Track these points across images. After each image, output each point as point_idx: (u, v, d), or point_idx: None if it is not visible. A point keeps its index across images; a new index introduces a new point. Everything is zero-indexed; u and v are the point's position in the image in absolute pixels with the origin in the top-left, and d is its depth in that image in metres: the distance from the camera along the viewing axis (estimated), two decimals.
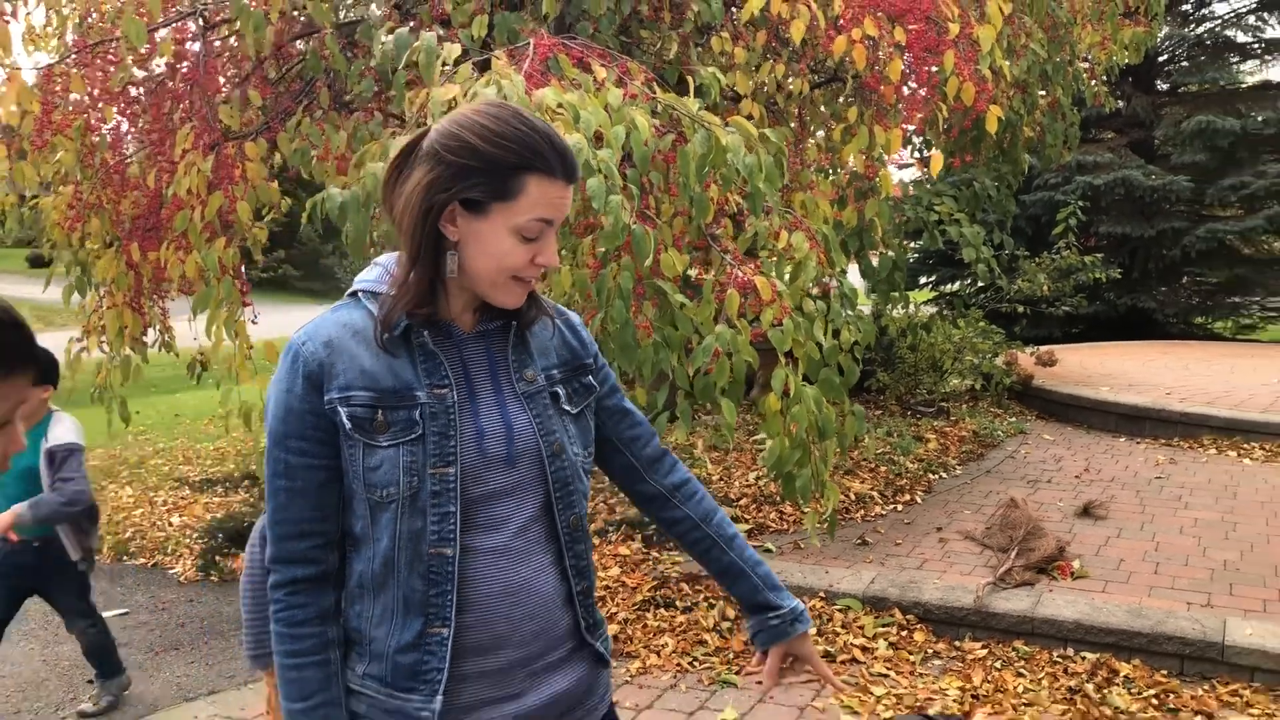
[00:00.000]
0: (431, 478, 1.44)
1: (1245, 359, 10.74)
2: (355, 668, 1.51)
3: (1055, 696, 3.86)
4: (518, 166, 1.42)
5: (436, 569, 1.45)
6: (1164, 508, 5.84)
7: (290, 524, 1.47)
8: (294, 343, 1.48)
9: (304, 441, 1.45)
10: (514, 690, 1.51)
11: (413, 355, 1.47)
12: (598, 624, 1.63)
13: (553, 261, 1.48)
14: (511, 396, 1.53)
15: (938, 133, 6.33)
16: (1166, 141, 14.72)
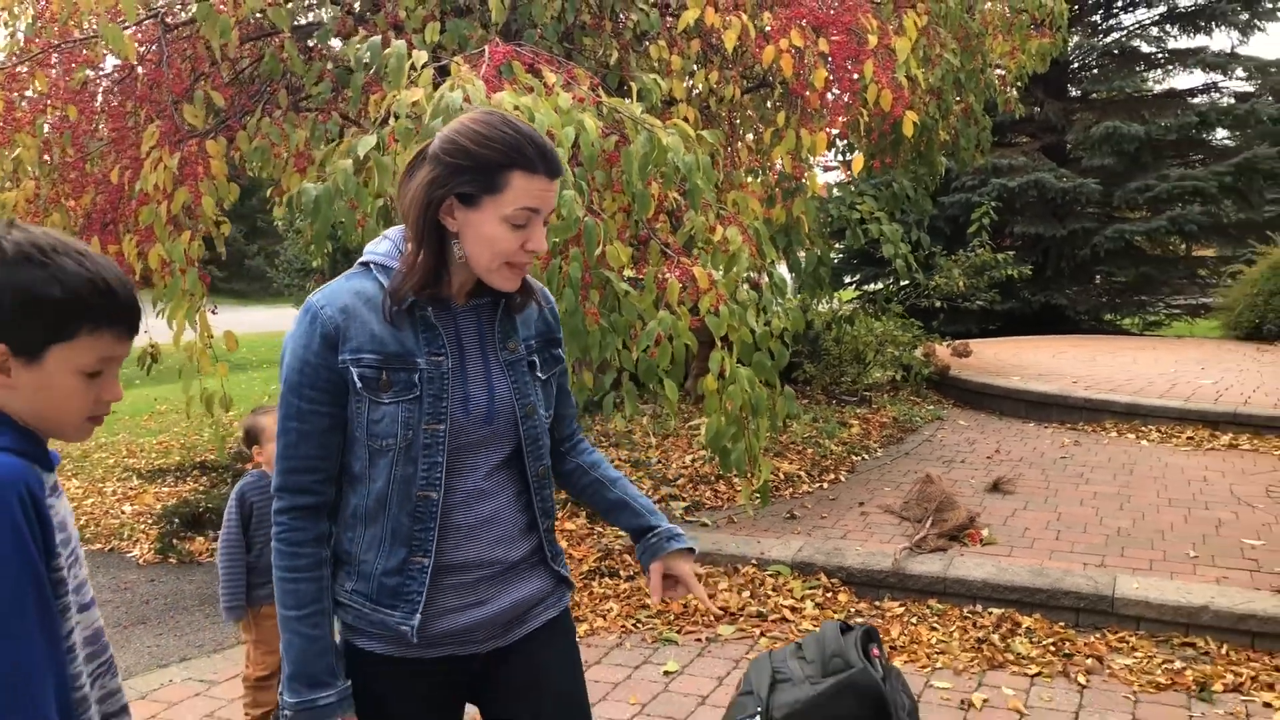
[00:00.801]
0: (424, 432, 1.69)
1: (1147, 351, 11.40)
2: (344, 584, 1.76)
3: (964, 646, 4.28)
4: (503, 164, 1.64)
5: (423, 509, 1.71)
6: (1066, 483, 6.33)
7: (297, 459, 1.71)
8: (313, 304, 1.71)
9: (315, 391, 1.69)
10: (480, 598, 1.77)
11: (415, 326, 1.71)
12: (558, 554, 1.92)
13: (540, 247, 1.68)
14: (495, 364, 1.78)
15: (859, 136, 6.76)
16: (1077, 146, 15.39)
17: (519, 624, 1.84)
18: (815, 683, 2.17)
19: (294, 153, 5.19)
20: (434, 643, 1.76)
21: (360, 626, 1.75)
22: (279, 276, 17.46)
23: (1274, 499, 5.84)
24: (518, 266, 1.69)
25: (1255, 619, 4.16)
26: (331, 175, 3.85)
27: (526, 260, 1.69)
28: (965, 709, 3.75)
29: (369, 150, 3.75)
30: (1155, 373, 9.53)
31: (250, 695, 3.55)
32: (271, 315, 22.51)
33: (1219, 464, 6.76)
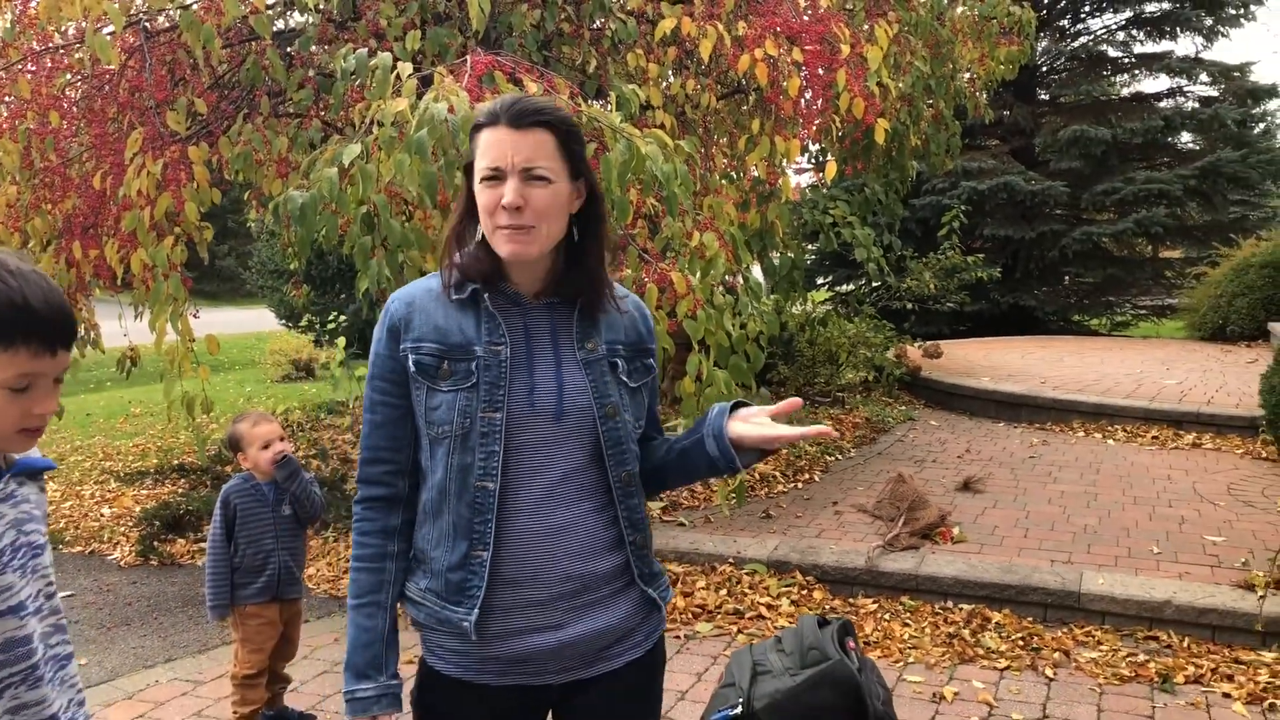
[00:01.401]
0: (481, 420, 1.68)
1: (1114, 352, 11.60)
2: (419, 582, 1.77)
3: (936, 641, 4.40)
4: (474, 127, 1.72)
5: (480, 499, 1.69)
6: (1035, 482, 6.47)
7: (370, 450, 1.77)
8: (388, 301, 1.78)
9: (384, 382, 1.75)
10: (555, 621, 1.71)
11: (478, 316, 1.73)
12: (655, 574, 1.84)
13: (512, 200, 1.64)
14: (570, 361, 1.75)
15: (832, 142, 6.88)
16: (1046, 149, 15.60)
17: (601, 658, 1.78)
18: (794, 674, 2.26)
19: (275, 158, 5.24)
20: (505, 670, 1.74)
21: (431, 625, 1.75)
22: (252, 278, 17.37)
23: (1235, 497, 6.01)
24: (507, 229, 1.67)
25: (1216, 613, 4.30)
26: (316, 183, 3.91)
27: (506, 220, 1.66)
28: (937, 702, 3.86)
29: (354, 158, 3.82)
30: (1121, 373, 9.72)
31: (238, 694, 3.62)
32: (244, 316, 22.45)
33: (1182, 463, 6.93)
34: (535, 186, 1.66)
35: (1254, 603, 4.29)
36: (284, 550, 3.67)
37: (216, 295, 32.40)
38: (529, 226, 1.67)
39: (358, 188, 3.98)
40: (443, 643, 1.76)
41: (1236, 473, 6.61)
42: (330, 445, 7.89)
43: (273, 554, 3.65)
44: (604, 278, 1.80)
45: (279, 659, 3.77)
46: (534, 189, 1.66)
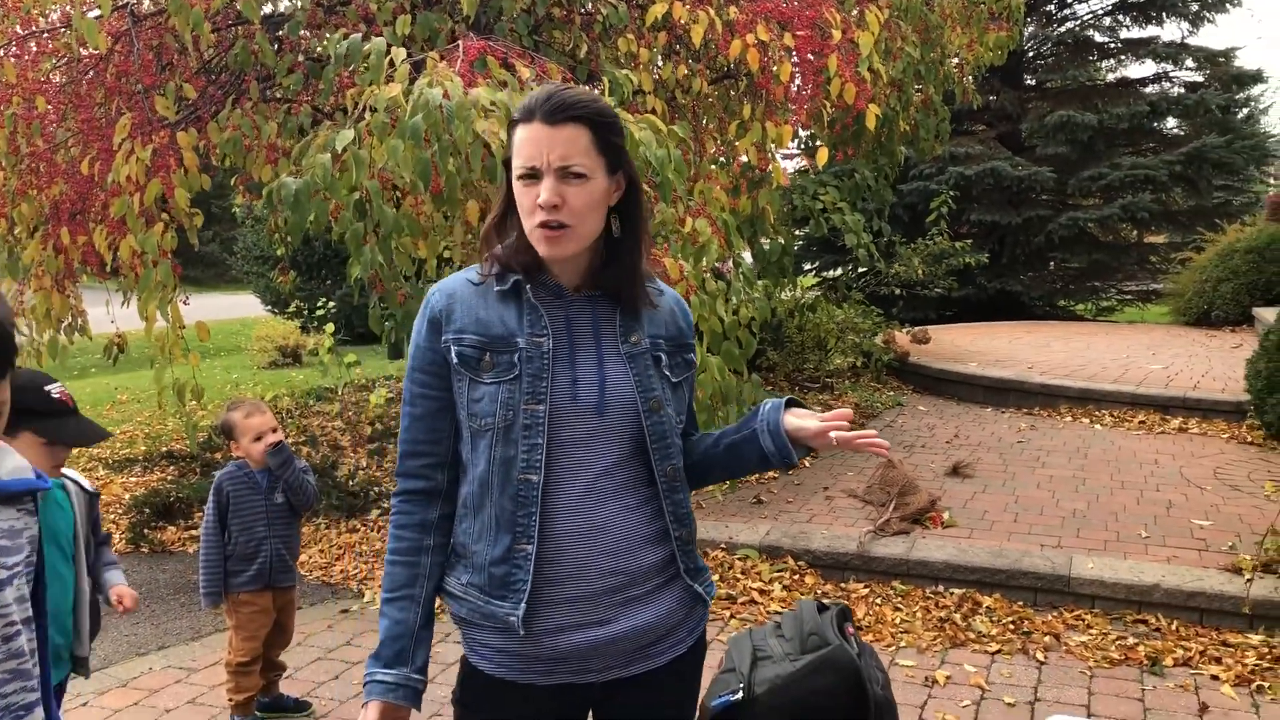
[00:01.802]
0: (524, 413, 1.67)
1: (1100, 337, 11.66)
2: (461, 577, 1.75)
3: (927, 625, 4.43)
4: (512, 122, 1.71)
5: (524, 492, 1.67)
6: (1023, 467, 6.51)
7: (409, 444, 1.76)
8: (429, 293, 1.76)
9: (424, 375, 1.74)
10: (601, 617, 1.70)
11: (520, 308, 1.71)
12: (700, 570, 1.83)
13: (548, 199, 1.62)
14: (613, 354, 1.74)
15: (822, 127, 6.87)
16: (1032, 134, 15.62)
17: (644, 655, 1.77)
18: (794, 659, 2.27)
19: (265, 144, 5.21)
20: (550, 670, 1.72)
21: (475, 620, 1.74)
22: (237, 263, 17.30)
23: (1221, 481, 6.06)
24: (545, 228, 1.64)
25: (1204, 596, 4.34)
26: (309, 169, 3.89)
27: (545, 217, 1.63)
28: (929, 685, 3.89)
29: (347, 144, 3.80)
30: (1108, 358, 9.77)
31: (233, 681, 3.62)
32: (229, 302, 22.35)
33: (1169, 447, 6.98)
34: (571, 184, 1.64)
35: (1241, 586, 4.33)
36: (277, 538, 3.67)
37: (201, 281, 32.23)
38: (565, 225, 1.65)
39: (350, 174, 3.96)
40: (487, 640, 1.74)
41: (1223, 457, 6.66)
42: (320, 432, 7.87)
43: (265, 541, 3.65)
44: (641, 272, 1.78)
45: (273, 646, 3.77)
46: (570, 187, 1.64)
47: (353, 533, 5.81)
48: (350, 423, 8.16)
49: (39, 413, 2.39)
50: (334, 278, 14.25)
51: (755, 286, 5.12)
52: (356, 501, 6.14)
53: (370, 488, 6.34)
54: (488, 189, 4.51)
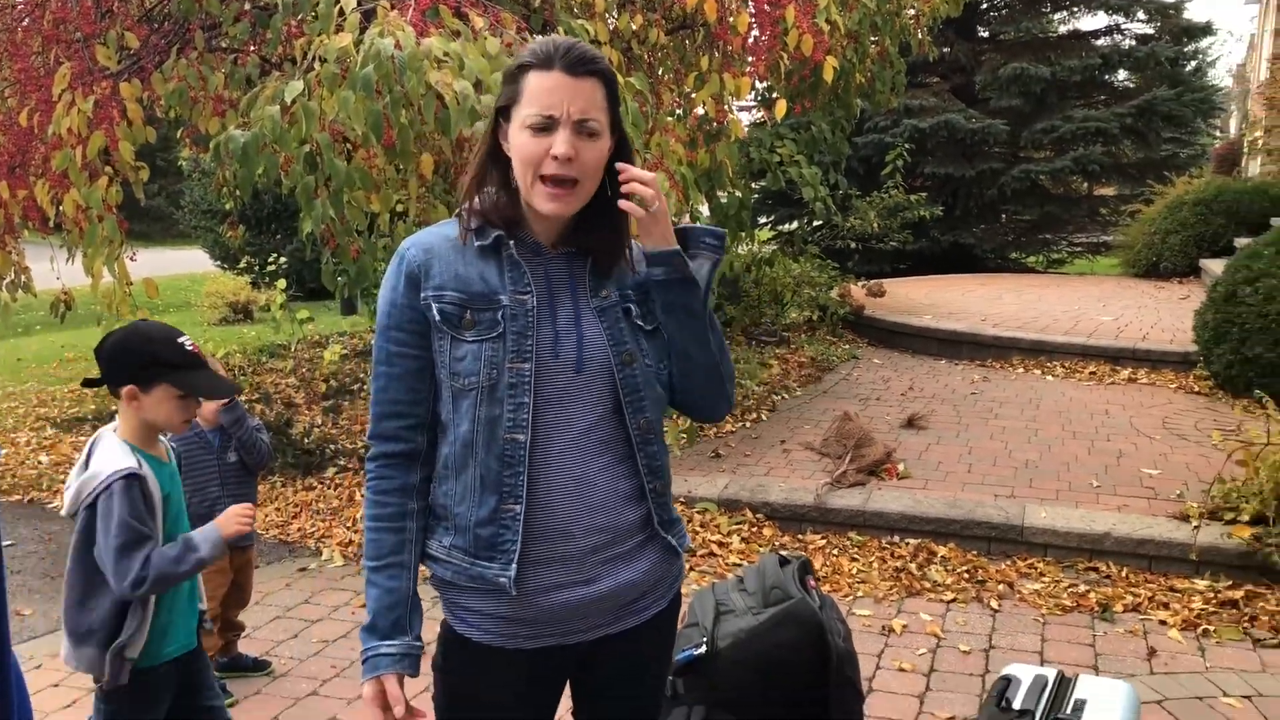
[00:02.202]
0: (509, 371, 1.63)
1: (1052, 289, 11.79)
2: (443, 540, 1.71)
3: (884, 575, 4.49)
4: (521, 66, 1.63)
5: (510, 452, 1.64)
6: (977, 418, 6.58)
7: (386, 405, 1.70)
8: (402, 248, 1.70)
9: (402, 333, 1.68)
10: (587, 575, 1.68)
11: (501, 264, 1.67)
12: (673, 521, 1.80)
13: (563, 150, 1.57)
14: (587, 310, 1.70)
15: (779, 79, 6.82)
16: (986, 87, 15.65)
17: (629, 612, 1.76)
18: (757, 613, 2.29)
19: (211, 95, 5.08)
20: (537, 632, 1.71)
21: (461, 583, 1.70)
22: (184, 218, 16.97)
23: (1170, 430, 6.17)
24: (553, 181, 1.60)
25: (1153, 543, 4.43)
26: (258, 121, 3.80)
27: (556, 170, 1.59)
28: (886, 635, 3.95)
29: (296, 96, 3.71)
30: (1059, 310, 9.89)
31: None
32: (177, 257, 21.98)
33: (1119, 398, 7.09)
34: (586, 140, 1.60)
35: (1188, 533, 4.42)
36: (231, 498, 3.61)
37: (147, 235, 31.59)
38: (573, 181, 1.60)
39: (300, 126, 3.87)
40: (471, 604, 1.71)
41: (1171, 407, 6.78)
42: (273, 389, 7.78)
43: (219, 501, 3.59)
44: (626, 236, 1.73)
45: (231, 606, 3.74)
46: (584, 143, 1.60)
47: (309, 490, 5.76)
48: (304, 380, 8.07)
49: (174, 365, 2.36)
50: (285, 232, 14.03)
51: None
52: (312, 459, 6.09)
53: (326, 445, 6.28)
54: (441, 141, 4.43)
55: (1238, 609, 4.06)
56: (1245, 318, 6.59)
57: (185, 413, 2.41)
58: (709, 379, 1.77)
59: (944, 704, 3.41)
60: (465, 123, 3.74)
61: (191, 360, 2.39)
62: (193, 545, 2.34)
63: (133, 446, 2.36)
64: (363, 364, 8.77)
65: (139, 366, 2.33)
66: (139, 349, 2.35)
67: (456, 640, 1.74)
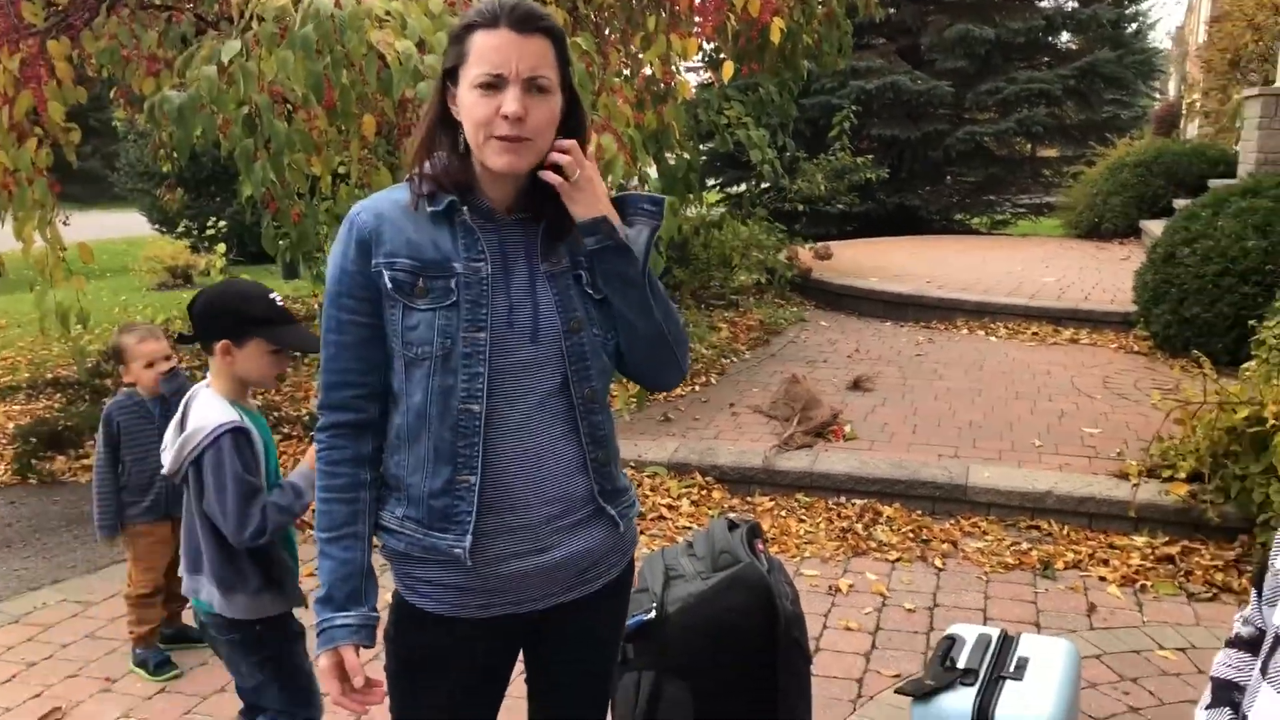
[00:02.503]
0: (463, 340, 1.61)
1: (996, 251, 11.91)
2: (395, 510, 1.69)
3: (830, 536, 4.53)
4: (465, 27, 1.60)
5: (465, 423, 1.62)
6: (922, 380, 6.66)
7: (336, 374, 1.67)
8: (351, 213, 1.66)
9: (352, 300, 1.64)
10: (541, 545, 1.67)
11: (454, 231, 1.64)
12: (618, 491, 1.77)
13: (513, 109, 1.54)
14: (540, 278, 1.67)
15: (726, 41, 6.78)
16: (931, 48, 15.70)
17: (582, 581, 1.75)
18: (706, 578, 2.30)
19: (145, 55, 4.94)
20: (489, 602, 1.69)
21: (414, 554, 1.68)
22: (120, 180, 16.55)
23: (1110, 390, 6.28)
24: (504, 140, 1.57)
25: (1093, 501, 4.52)
26: (193, 82, 3.70)
27: (508, 130, 1.56)
28: (833, 594, 4.00)
29: (233, 56, 3.61)
30: (1003, 271, 10.00)
31: (134, 613, 3.54)
32: (113, 220, 21.49)
33: (1061, 358, 7.20)
34: (536, 98, 1.58)
35: (1128, 490, 4.51)
36: None
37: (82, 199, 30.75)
38: (526, 139, 1.58)
39: (238, 87, 3.78)
40: (424, 575, 1.69)
41: (1111, 366, 6.90)
42: None
43: (160, 471, 3.53)
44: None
45: (175, 577, 3.68)
46: (535, 100, 1.57)
47: None
48: None
49: (267, 321, 2.43)
50: (224, 195, 13.74)
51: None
52: None
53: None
54: (384, 103, 4.35)
55: (1174, 564, 4.16)
56: (1183, 278, 6.71)
57: (278, 367, 2.51)
58: (655, 347, 1.74)
59: (889, 662, 3.47)
60: (408, 83, 3.67)
61: (282, 316, 2.48)
62: (299, 490, 2.45)
63: (231, 401, 2.45)
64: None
65: (233, 322, 2.42)
66: (232, 306, 2.45)
67: (408, 610, 1.72)
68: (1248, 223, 6.60)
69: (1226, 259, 6.51)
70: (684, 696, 2.24)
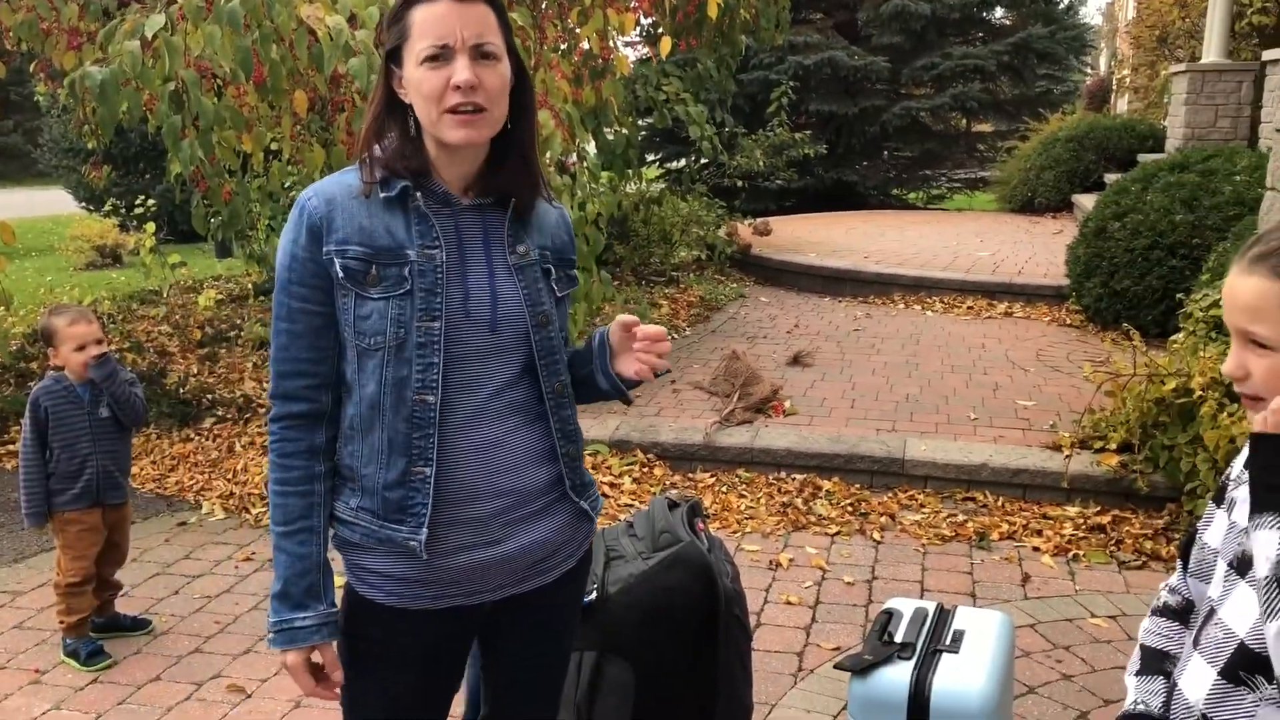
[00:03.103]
0: (418, 330, 1.57)
1: (932, 225, 12.05)
2: (350, 501, 1.66)
3: (771, 511, 4.57)
4: (403, 4, 1.56)
5: (420, 414, 1.59)
6: (860, 355, 6.72)
7: (288, 363, 1.62)
8: (302, 198, 1.61)
9: (304, 288, 1.60)
10: (494, 537, 1.65)
11: (408, 217, 1.60)
12: (586, 484, 1.78)
13: (465, 77, 1.51)
14: (502, 267, 1.65)
15: (664, 15, 6.75)
16: (868, 23, 15.80)
17: (537, 572, 1.73)
18: (647, 558, 2.30)
19: (65, 28, 4.78)
20: (441, 593, 1.67)
21: (369, 545, 1.65)
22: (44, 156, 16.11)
23: (1043, 363, 6.39)
24: (459, 113, 1.54)
25: (1027, 473, 4.60)
26: (116, 57, 3.59)
27: (461, 100, 1.52)
28: (774, 569, 4.03)
29: (157, 30, 3.51)
30: (939, 246, 10.12)
31: (63, 603, 3.46)
32: (37, 198, 20.90)
33: (996, 331, 7.31)
34: (486, 65, 1.54)
35: (1061, 462, 4.60)
36: (104, 454, 3.48)
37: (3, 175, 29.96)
38: (481, 109, 1.54)
39: (163, 62, 3.68)
40: (375, 567, 1.66)
41: (1044, 339, 7.03)
42: (146, 338, 7.49)
43: (90, 458, 3.46)
44: (539, 166, 1.69)
45: (107, 565, 3.61)
46: (485, 68, 1.54)
47: (186, 442, 5.58)
48: (178, 327, 7.77)
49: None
50: (153, 172, 13.42)
51: (601, 180, 5.04)
52: (189, 410, 5.89)
53: (203, 395, 6.08)
54: (315, 78, 4.27)
55: (1105, 533, 4.25)
56: (1114, 252, 6.84)
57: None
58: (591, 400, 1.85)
59: (829, 635, 3.51)
60: (340, 58, 3.60)
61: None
62: None
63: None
64: (239, 309, 8.51)
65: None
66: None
67: (360, 602, 1.69)
68: (1175, 197, 6.74)
69: (1155, 233, 6.64)
70: (625, 677, 2.24)
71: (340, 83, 4.46)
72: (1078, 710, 3.05)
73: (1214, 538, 1.37)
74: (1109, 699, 3.10)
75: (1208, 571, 1.37)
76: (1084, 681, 3.20)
